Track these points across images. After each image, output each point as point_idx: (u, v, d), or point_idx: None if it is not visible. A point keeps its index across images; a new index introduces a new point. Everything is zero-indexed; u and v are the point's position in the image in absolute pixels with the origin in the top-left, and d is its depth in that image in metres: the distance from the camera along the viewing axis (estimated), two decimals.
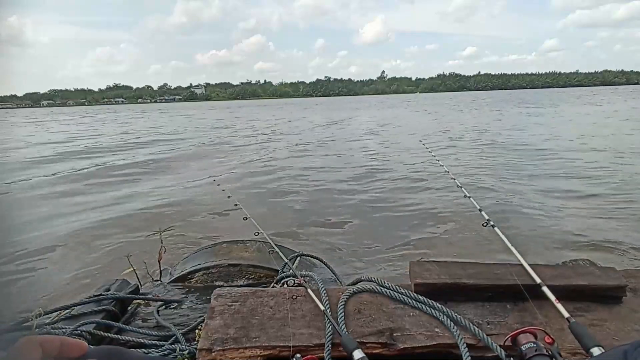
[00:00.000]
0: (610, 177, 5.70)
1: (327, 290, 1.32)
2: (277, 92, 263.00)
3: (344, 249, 3.44)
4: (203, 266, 2.17)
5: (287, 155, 9.39)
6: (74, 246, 3.74)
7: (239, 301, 1.28)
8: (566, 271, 1.36)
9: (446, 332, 1.15)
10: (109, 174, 7.70)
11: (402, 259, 3.12)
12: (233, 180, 6.64)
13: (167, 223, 4.17)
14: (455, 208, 4.32)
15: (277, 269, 1.99)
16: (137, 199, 5.59)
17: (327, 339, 1.11)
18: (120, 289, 1.88)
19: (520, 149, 8.77)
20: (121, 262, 3.01)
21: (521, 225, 3.81)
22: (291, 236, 3.80)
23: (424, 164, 7.04)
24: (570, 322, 1.06)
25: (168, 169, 8.14)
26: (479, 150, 8.96)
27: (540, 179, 5.78)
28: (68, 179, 7.24)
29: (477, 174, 6.33)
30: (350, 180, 6.29)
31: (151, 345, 1.47)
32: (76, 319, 1.58)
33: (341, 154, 9.25)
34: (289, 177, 6.70)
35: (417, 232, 3.83)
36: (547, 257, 3.08)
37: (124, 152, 10.93)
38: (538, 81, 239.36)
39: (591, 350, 0.95)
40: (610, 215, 4.05)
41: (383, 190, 5.58)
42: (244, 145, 11.87)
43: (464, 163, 7.38)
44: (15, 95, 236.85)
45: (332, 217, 4.38)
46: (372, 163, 7.84)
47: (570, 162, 7.00)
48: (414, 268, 1.36)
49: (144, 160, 9.44)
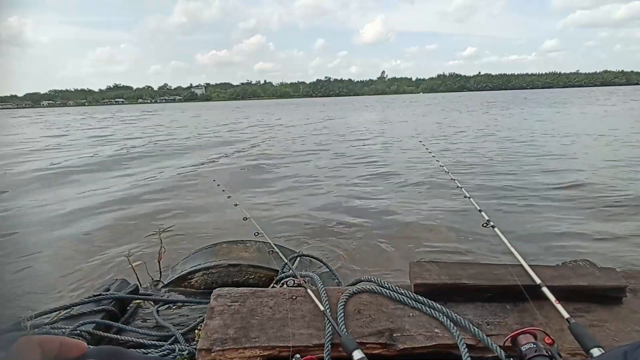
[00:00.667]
0: (612, 177, 5.71)
1: (327, 290, 1.32)
2: (277, 92, 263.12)
3: (343, 250, 3.44)
4: (203, 266, 2.17)
5: (288, 155, 9.40)
6: (73, 246, 3.74)
7: (238, 301, 1.28)
8: (566, 272, 1.36)
9: (446, 332, 1.15)
10: (110, 173, 7.70)
11: (402, 260, 3.12)
12: (233, 180, 6.65)
13: (167, 223, 4.17)
14: (455, 208, 4.32)
15: (276, 269, 1.99)
16: (137, 198, 5.59)
17: (327, 339, 1.11)
18: (119, 289, 1.88)
19: (523, 148, 8.77)
20: (121, 261, 3.01)
21: (521, 226, 3.81)
22: (291, 236, 3.80)
23: (424, 163, 7.04)
24: (570, 322, 1.05)
25: (168, 168, 8.14)
26: (480, 149, 8.96)
27: (542, 179, 5.77)
28: (68, 179, 7.25)
29: (477, 173, 6.33)
30: (350, 180, 6.29)
31: (151, 345, 1.47)
32: (75, 318, 1.58)
33: (342, 154, 9.25)
34: (290, 178, 6.70)
35: (416, 232, 3.82)
36: (547, 257, 3.08)
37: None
38: (538, 81, 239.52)
39: (591, 350, 0.95)
40: (611, 215, 4.05)
41: (383, 190, 5.58)
42: (244, 145, 11.87)
43: (464, 162, 7.38)
44: (15, 95, 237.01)
45: (332, 217, 4.38)
46: (372, 163, 7.83)
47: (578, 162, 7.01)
48: (413, 268, 1.36)
49: (144, 160, 9.44)
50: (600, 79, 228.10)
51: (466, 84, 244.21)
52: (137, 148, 11.89)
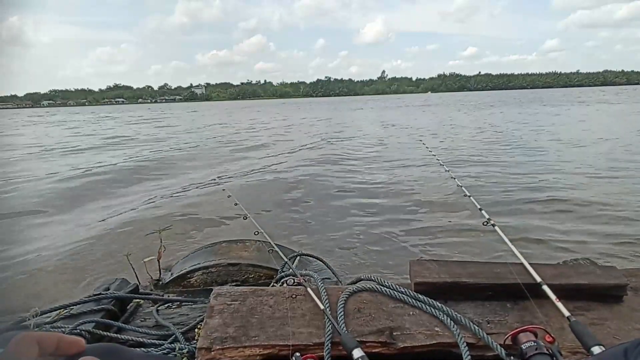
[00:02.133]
0: (614, 176, 5.70)
1: (327, 289, 1.32)
2: (277, 92, 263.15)
3: (343, 249, 3.44)
4: (202, 265, 2.16)
5: (288, 156, 9.39)
6: (73, 245, 3.74)
7: (238, 300, 1.28)
8: (567, 270, 1.35)
9: (446, 331, 1.15)
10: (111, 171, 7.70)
11: (402, 258, 3.12)
12: (234, 179, 6.64)
13: (166, 222, 4.17)
14: (455, 207, 4.32)
15: (276, 268, 1.99)
16: (137, 197, 5.59)
17: (327, 338, 1.11)
18: (119, 288, 1.87)
19: (526, 148, 8.77)
20: (121, 261, 3.01)
21: (522, 225, 3.81)
22: (291, 235, 3.80)
23: (424, 163, 7.04)
24: (571, 320, 1.05)
25: (168, 167, 8.14)
26: (481, 148, 8.96)
27: (543, 179, 5.77)
28: (70, 177, 7.25)
29: (477, 172, 6.32)
30: (350, 180, 6.29)
31: (150, 344, 1.46)
32: (75, 318, 1.58)
33: (342, 154, 9.25)
34: (290, 178, 6.70)
35: (417, 230, 3.82)
36: (547, 256, 3.07)
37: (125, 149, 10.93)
38: (538, 81, 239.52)
39: (592, 349, 0.95)
40: (612, 215, 4.05)
41: (383, 189, 5.58)
42: (245, 144, 11.86)
43: (464, 161, 7.38)
44: (15, 95, 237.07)
45: (332, 216, 4.38)
46: (373, 163, 7.83)
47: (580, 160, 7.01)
48: (413, 267, 1.36)
49: (144, 159, 9.44)
50: (600, 79, 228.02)
51: (466, 83, 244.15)
52: (136, 146, 11.89)
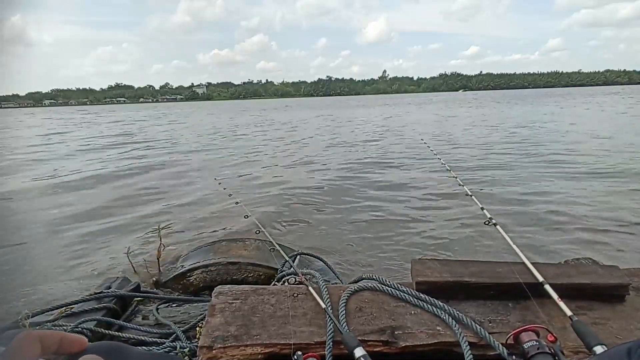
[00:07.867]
0: (614, 175, 5.68)
1: (329, 288, 1.32)
2: (279, 91, 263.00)
3: (344, 248, 3.43)
4: (202, 264, 2.16)
5: (289, 156, 9.39)
6: (73, 244, 3.74)
7: (239, 299, 1.28)
8: (569, 270, 1.35)
9: (448, 330, 1.14)
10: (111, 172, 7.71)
11: (404, 257, 3.11)
12: (234, 178, 6.64)
13: (166, 220, 4.18)
14: (457, 206, 4.31)
15: (276, 267, 1.99)
16: (137, 197, 5.59)
17: (328, 337, 1.11)
18: (121, 287, 1.88)
19: (524, 147, 8.75)
20: (121, 259, 3.01)
21: (524, 224, 3.80)
22: (291, 235, 3.79)
23: (425, 163, 7.02)
24: (573, 320, 1.05)
25: (169, 167, 8.14)
26: (481, 147, 8.94)
27: (543, 178, 5.76)
28: (69, 177, 7.26)
29: (479, 172, 6.31)
30: (350, 179, 6.28)
31: (152, 342, 1.47)
32: (77, 316, 1.58)
33: (343, 154, 9.24)
34: (290, 177, 6.70)
35: (418, 230, 3.81)
36: (549, 255, 3.07)
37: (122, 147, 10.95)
38: (540, 81, 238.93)
39: (594, 348, 0.95)
40: (614, 215, 4.04)
41: (384, 188, 5.57)
42: (246, 144, 11.87)
43: (465, 160, 7.36)
44: (17, 94, 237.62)
45: (333, 216, 4.37)
46: (373, 163, 7.82)
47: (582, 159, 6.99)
48: (415, 266, 1.36)
49: (144, 158, 9.45)
50: (602, 78, 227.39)
51: (468, 83, 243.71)
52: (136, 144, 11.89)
